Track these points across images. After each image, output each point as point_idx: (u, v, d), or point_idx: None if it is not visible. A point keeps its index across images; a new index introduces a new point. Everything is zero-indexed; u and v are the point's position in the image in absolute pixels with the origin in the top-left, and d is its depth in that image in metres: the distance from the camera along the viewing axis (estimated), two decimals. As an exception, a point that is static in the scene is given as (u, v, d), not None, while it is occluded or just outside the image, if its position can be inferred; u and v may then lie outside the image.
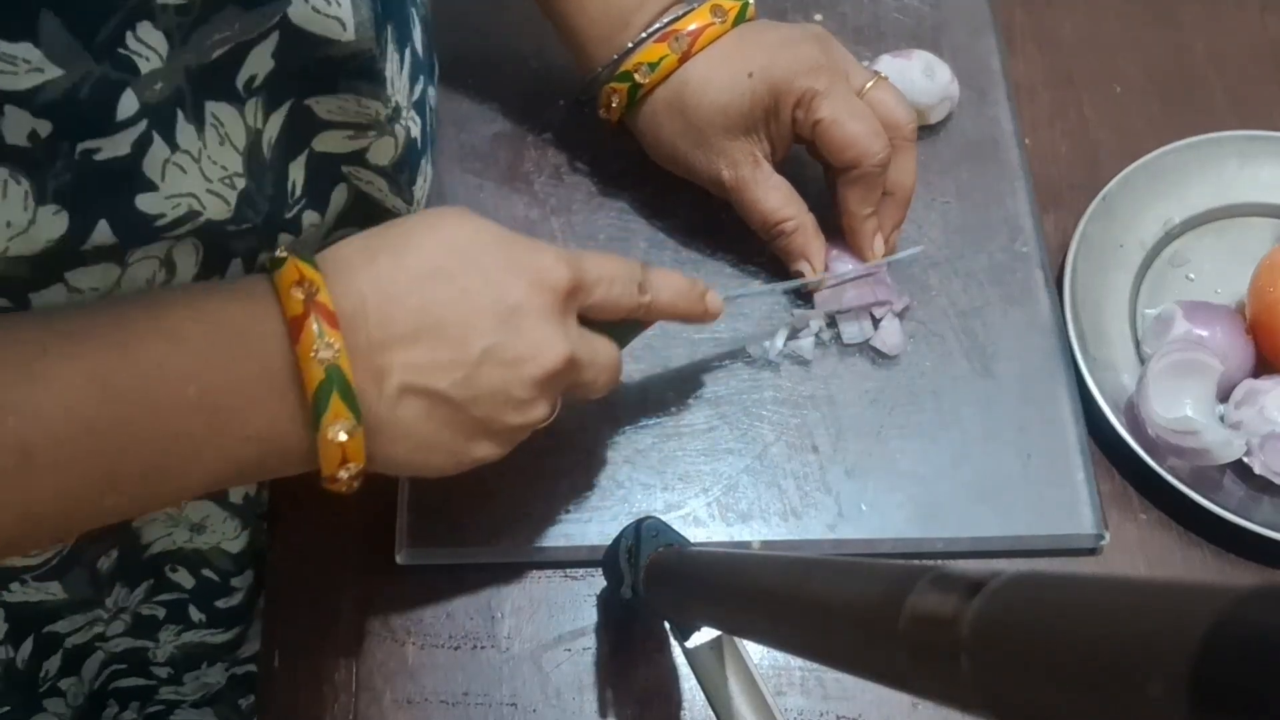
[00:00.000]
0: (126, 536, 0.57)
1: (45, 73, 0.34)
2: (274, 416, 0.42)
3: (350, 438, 0.43)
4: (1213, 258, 0.70)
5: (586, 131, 0.71)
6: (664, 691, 0.58)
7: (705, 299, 0.56)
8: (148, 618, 0.64)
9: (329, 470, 0.44)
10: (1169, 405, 0.62)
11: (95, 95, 0.36)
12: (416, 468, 0.48)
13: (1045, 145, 0.74)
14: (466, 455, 0.48)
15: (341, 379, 0.42)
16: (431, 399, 0.45)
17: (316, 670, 0.58)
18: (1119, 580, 0.24)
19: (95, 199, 0.39)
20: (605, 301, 0.51)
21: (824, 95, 0.59)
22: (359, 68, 0.46)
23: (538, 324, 0.47)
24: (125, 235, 0.41)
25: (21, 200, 0.37)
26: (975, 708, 0.26)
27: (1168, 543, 0.63)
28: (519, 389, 0.47)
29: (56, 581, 0.55)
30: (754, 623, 0.42)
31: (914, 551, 0.61)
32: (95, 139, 0.38)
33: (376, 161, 0.51)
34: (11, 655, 0.58)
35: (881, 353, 0.64)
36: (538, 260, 0.48)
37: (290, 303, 0.42)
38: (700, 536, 0.60)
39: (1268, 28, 0.80)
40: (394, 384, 0.44)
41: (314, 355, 0.42)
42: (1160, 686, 0.20)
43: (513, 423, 0.48)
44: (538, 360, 0.47)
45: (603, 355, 0.52)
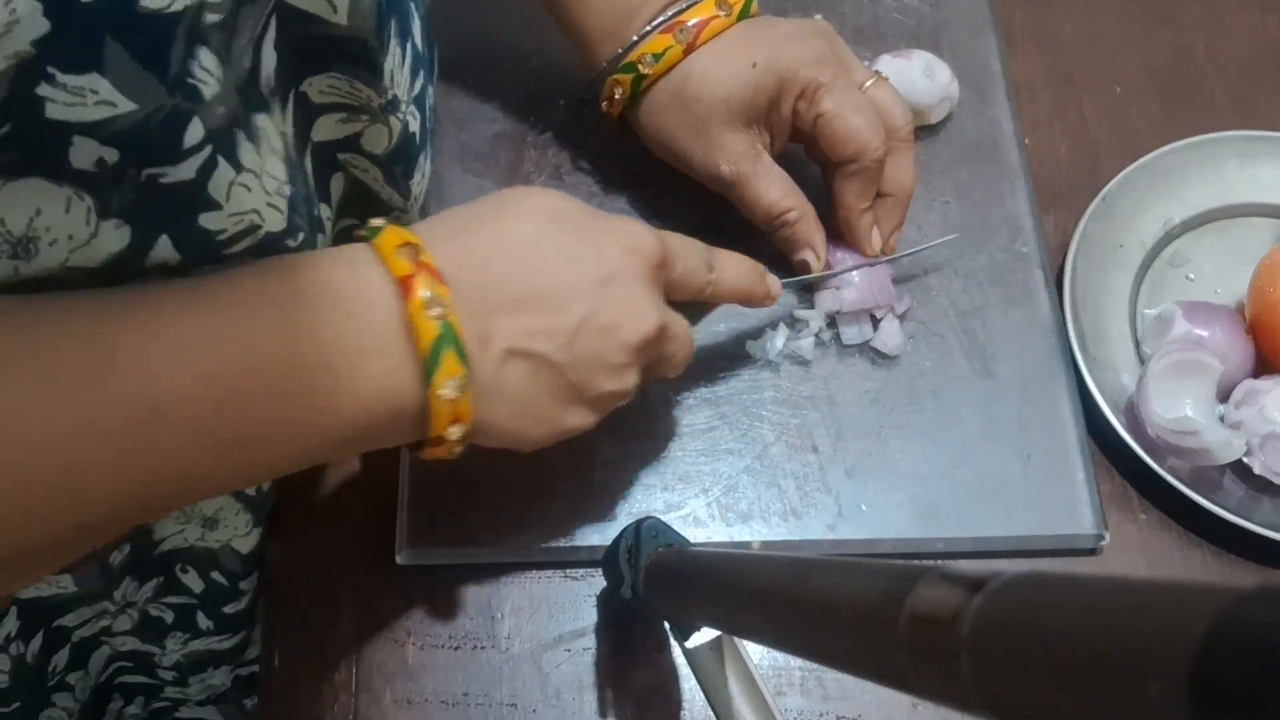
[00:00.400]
0: (139, 533, 0.57)
1: (117, 106, 0.35)
2: (386, 375, 0.43)
3: (462, 395, 0.44)
4: (1213, 258, 0.70)
5: (586, 131, 0.71)
6: (664, 691, 0.58)
7: (766, 279, 0.58)
8: (155, 620, 0.64)
9: (439, 429, 0.44)
10: (1169, 405, 0.62)
11: (165, 126, 0.37)
12: (513, 436, 0.48)
13: (1045, 145, 0.74)
14: (560, 423, 0.49)
15: (453, 334, 0.43)
16: (535, 363, 0.46)
17: (316, 670, 0.58)
18: (1119, 580, 0.24)
19: (159, 216, 0.40)
20: (682, 277, 0.52)
21: (827, 88, 0.60)
22: (352, 52, 0.46)
23: (632, 291, 0.48)
24: (188, 251, 0.41)
25: (84, 216, 0.37)
26: (975, 708, 0.26)
27: (1168, 543, 0.63)
28: (615, 354, 0.48)
29: (68, 574, 0.56)
30: (754, 623, 0.42)
31: (914, 551, 0.61)
32: (162, 165, 0.38)
33: (371, 149, 0.51)
34: (22, 651, 0.58)
35: (881, 353, 0.64)
36: (629, 229, 0.50)
37: (397, 264, 0.43)
38: (700, 536, 0.60)
39: (1268, 28, 0.80)
40: (499, 348, 0.45)
41: (426, 312, 0.42)
42: (1160, 686, 0.20)
43: (606, 389, 0.49)
44: (634, 326, 0.48)
45: (683, 330, 0.53)
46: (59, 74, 0.33)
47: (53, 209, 0.37)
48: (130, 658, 0.67)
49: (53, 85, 0.33)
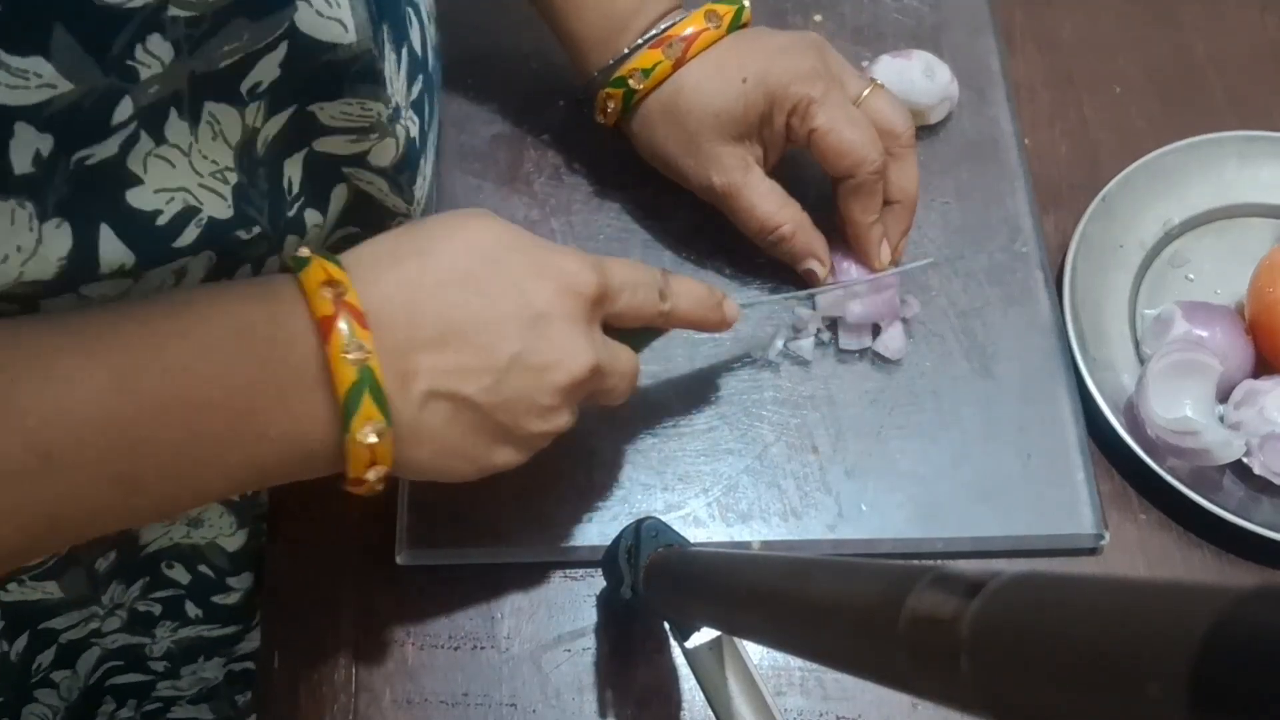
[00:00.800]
0: (124, 538, 0.57)
1: (57, 88, 0.34)
2: (300, 418, 0.42)
3: (380, 439, 0.43)
4: (1212, 258, 0.70)
5: (586, 132, 0.71)
6: (663, 692, 0.58)
7: (723, 307, 0.56)
8: (144, 614, 0.64)
9: (356, 472, 0.43)
10: (1169, 405, 0.62)
11: (97, 105, 0.36)
12: (437, 472, 0.47)
13: (1045, 145, 0.74)
14: (488, 461, 0.48)
15: (373, 379, 0.42)
16: (458, 404, 0.45)
17: (316, 670, 0.58)
18: (1119, 580, 0.24)
19: (90, 203, 0.39)
20: (628, 309, 0.51)
21: (819, 103, 0.59)
22: (360, 70, 0.46)
23: (564, 331, 0.47)
24: (134, 244, 0.41)
25: (26, 223, 0.37)
26: (975, 708, 0.26)
27: (1167, 543, 0.63)
28: (545, 396, 0.47)
29: (54, 581, 0.55)
30: (754, 623, 0.42)
31: (914, 551, 0.61)
32: (90, 146, 0.37)
33: (378, 163, 0.51)
34: (5, 649, 0.58)
35: (883, 355, 0.64)
36: (565, 265, 0.48)
37: (319, 303, 0.42)
38: (700, 537, 0.60)
39: (1268, 28, 0.80)
40: (421, 388, 0.44)
41: (345, 355, 0.41)
42: (1160, 687, 0.20)
43: (535, 429, 0.48)
44: (564, 367, 0.47)
45: (623, 362, 0.52)
46: (3, 54, 0.33)
47: (1, 226, 0.36)
48: (120, 654, 0.67)
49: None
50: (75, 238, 0.39)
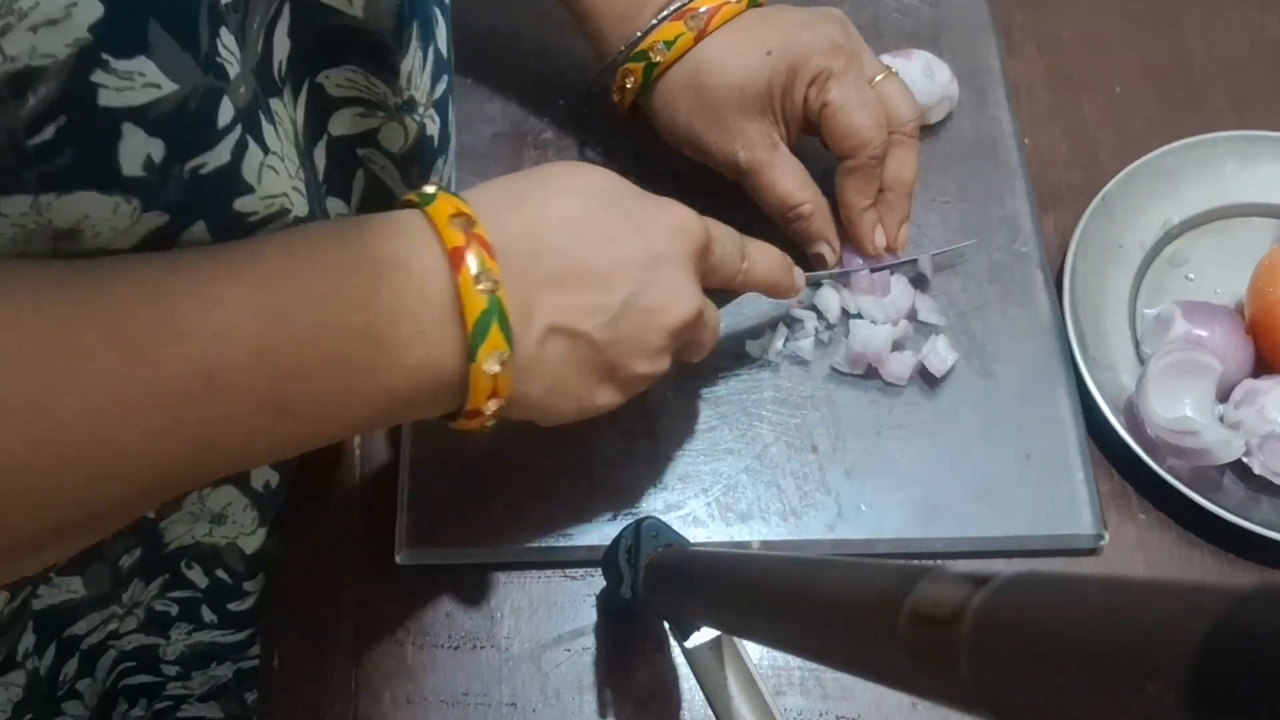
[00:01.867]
0: (150, 535, 0.57)
1: (162, 88, 0.35)
2: (433, 345, 0.43)
3: (503, 370, 0.44)
4: (1212, 258, 0.70)
5: (586, 132, 0.71)
6: (663, 691, 0.58)
7: (793, 272, 0.58)
8: (160, 614, 0.64)
9: (477, 402, 0.44)
10: (1168, 405, 0.62)
11: (202, 106, 0.37)
12: (543, 409, 0.48)
13: (1045, 145, 0.74)
14: (590, 401, 0.49)
15: (500, 309, 0.43)
16: (574, 340, 0.46)
17: (316, 670, 0.58)
18: (1118, 580, 0.24)
19: (197, 205, 0.40)
20: (719, 264, 0.53)
21: (837, 78, 0.60)
22: (366, 47, 0.46)
23: (676, 275, 0.49)
24: (220, 236, 0.41)
25: (129, 214, 0.38)
26: (975, 708, 0.26)
27: (1167, 543, 0.63)
28: (654, 336, 0.49)
29: (78, 577, 0.56)
30: (753, 623, 0.42)
31: (914, 551, 0.61)
32: (202, 154, 0.38)
33: (388, 146, 0.51)
34: (36, 665, 0.58)
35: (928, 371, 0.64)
36: (677, 212, 0.50)
37: (450, 234, 0.43)
38: (700, 536, 0.60)
39: (1267, 28, 0.80)
40: (541, 323, 0.45)
41: (476, 285, 0.42)
42: (1159, 686, 0.20)
43: (639, 371, 0.49)
44: (675, 310, 0.49)
45: (714, 317, 0.54)
46: (112, 59, 0.33)
47: (100, 213, 0.37)
48: (134, 655, 0.67)
49: (106, 71, 0.33)
50: (170, 223, 0.40)
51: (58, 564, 0.54)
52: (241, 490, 0.58)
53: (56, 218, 0.36)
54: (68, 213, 0.36)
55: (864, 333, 0.63)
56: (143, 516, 0.55)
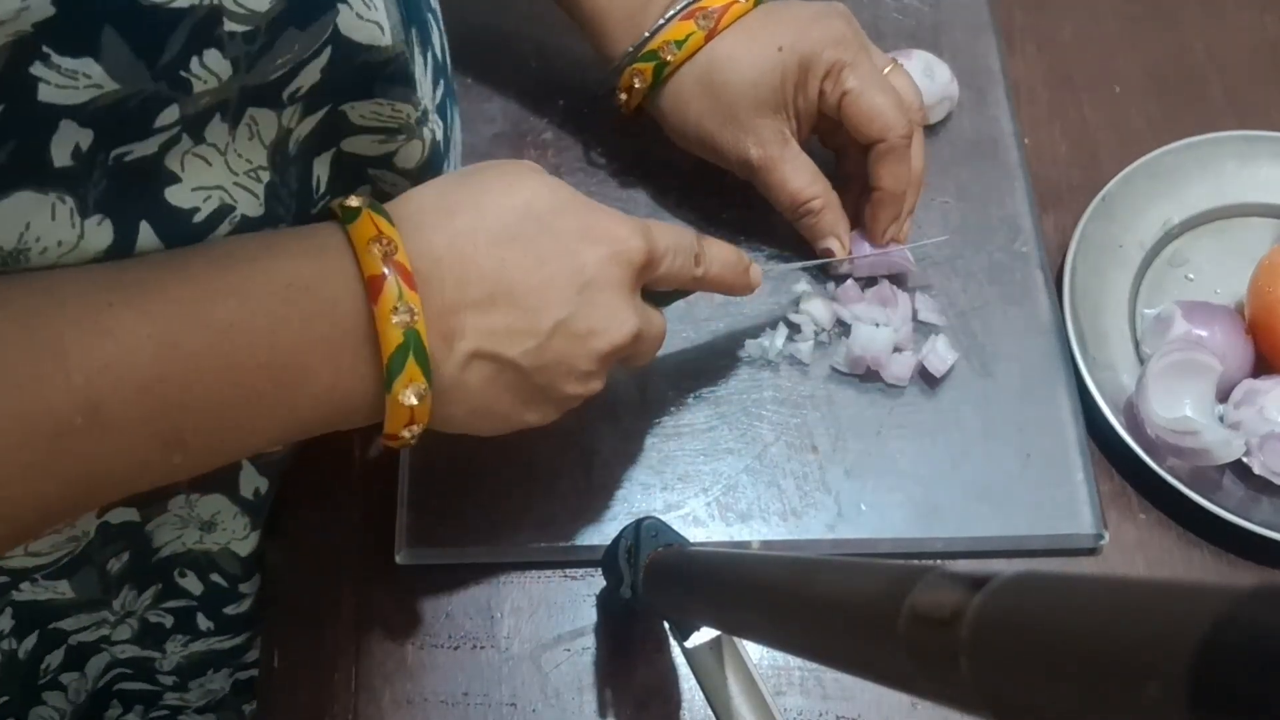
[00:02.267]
0: (138, 540, 0.57)
1: (103, 88, 0.34)
2: (344, 374, 0.42)
3: (420, 402, 0.43)
4: (1212, 258, 0.70)
5: (586, 132, 0.71)
6: (663, 691, 0.58)
7: (749, 271, 0.57)
8: (155, 625, 0.64)
9: (393, 429, 0.44)
10: (1168, 405, 0.62)
11: (141, 108, 0.36)
12: (468, 428, 0.48)
13: (1045, 145, 0.74)
14: (520, 420, 0.49)
15: (418, 342, 0.42)
16: (500, 365, 0.46)
17: (316, 670, 0.58)
18: (1118, 580, 0.24)
19: (130, 201, 0.39)
20: (668, 274, 0.52)
21: (852, 67, 0.60)
22: (394, 72, 0.45)
23: (611, 298, 0.48)
24: (169, 238, 0.41)
25: (68, 218, 0.37)
26: (975, 708, 0.26)
27: (1167, 543, 0.63)
28: (585, 361, 0.48)
29: (66, 581, 0.55)
30: (753, 622, 0.42)
31: (913, 551, 0.61)
32: (129, 144, 0.38)
33: (404, 165, 0.51)
34: (14, 648, 0.58)
35: (929, 373, 0.64)
36: (616, 231, 0.48)
37: (368, 260, 0.42)
38: (700, 536, 0.60)
39: (1267, 28, 0.80)
40: (465, 347, 0.45)
41: (392, 318, 0.41)
42: (1159, 686, 0.20)
43: (571, 392, 0.49)
44: (608, 335, 0.48)
45: (655, 326, 0.52)
46: (54, 55, 0.33)
47: (40, 219, 0.36)
48: (130, 664, 0.67)
49: (47, 66, 0.33)
50: (115, 234, 0.39)
51: (54, 553, 0.53)
52: (230, 499, 0.57)
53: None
54: (8, 222, 0.35)
55: (864, 335, 0.63)
56: (127, 522, 0.55)
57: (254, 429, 0.41)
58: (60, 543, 0.52)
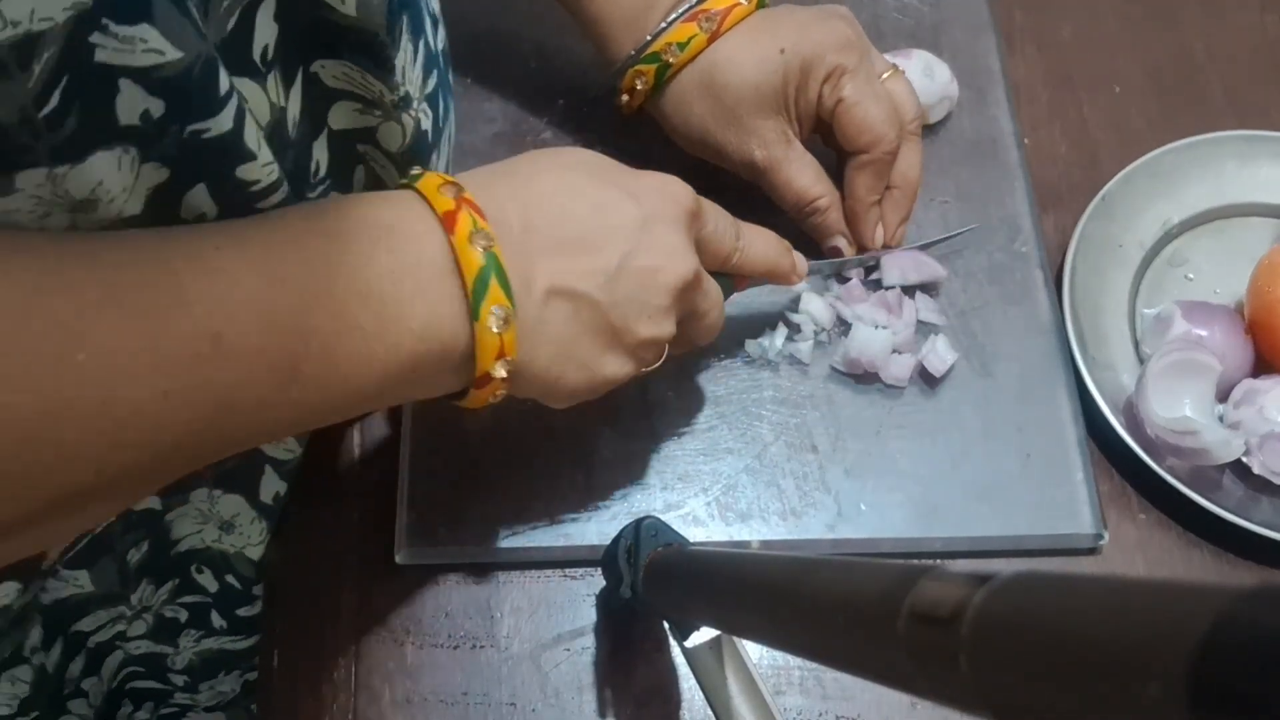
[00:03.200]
0: (157, 529, 0.57)
1: (165, 54, 0.35)
2: (435, 306, 0.43)
3: (506, 328, 0.44)
4: (1211, 258, 0.70)
5: (586, 132, 0.71)
6: (663, 691, 0.58)
7: (791, 254, 0.58)
8: (170, 620, 0.64)
9: (485, 364, 0.45)
10: (1168, 405, 0.62)
11: (204, 73, 0.37)
12: (552, 380, 0.48)
13: (1045, 145, 0.74)
14: (599, 369, 0.49)
15: (497, 264, 0.44)
16: (576, 301, 0.47)
17: (316, 670, 0.58)
18: (1118, 580, 0.24)
19: (198, 167, 0.40)
20: (712, 236, 0.53)
21: (850, 74, 0.61)
22: (362, 43, 0.46)
23: (669, 234, 0.49)
24: (221, 198, 0.42)
25: (131, 167, 0.38)
26: (974, 708, 0.26)
27: (1167, 543, 0.63)
28: (655, 296, 0.49)
29: (86, 571, 0.56)
30: (753, 622, 0.42)
31: (913, 551, 0.61)
32: (205, 119, 0.38)
33: (386, 145, 0.52)
34: (44, 661, 0.58)
35: (928, 373, 0.64)
36: (664, 177, 0.51)
37: (440, 200, 0.44)
38: (699, 536, 0.60)
39: (1267, 28, 0.80)
40: (541, 286, 0.46)
41: (470, 244, 0.43)
42: (1159, 686, 0.20)
43: (645, 334, 0.49)
44: (672, 268, 0.49)
45: (716, 291, 0.54)
46: (112, 24, 0.33)
47: (110, 173, 0.37)
48: (143, 661, 0.67)
49: (105, 34, 0.33)
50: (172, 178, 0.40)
51: (69, 540, 0.53)
52: (250, 503, 0.58)
53: (72, 188, 0.36)
54: (82, 182, 0.36)
55: (862, 337, 0.63)
56: (148, 510, 0.55)
57: (363, 366, 0.42)
58: None
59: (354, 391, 0.43)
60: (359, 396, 0.43)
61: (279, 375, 0.40)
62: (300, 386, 0.41)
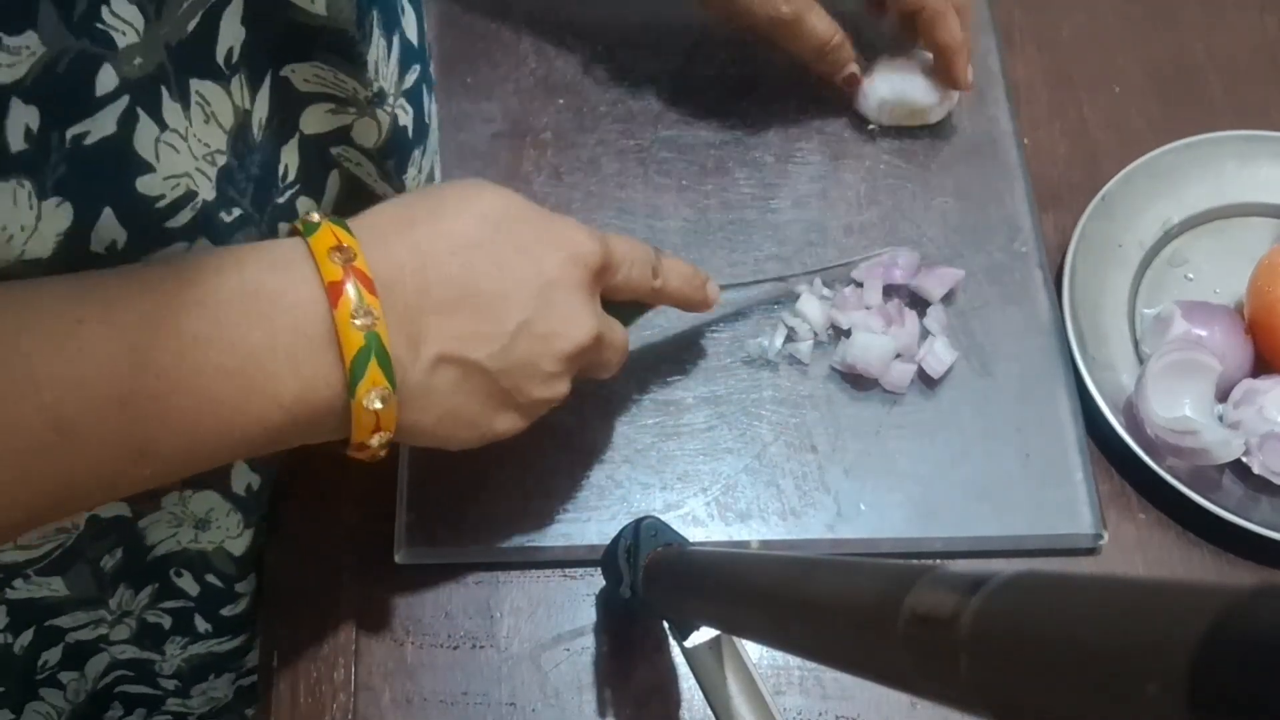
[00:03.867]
0: (131, 536, 0.57)
1: (34, 51, 0.34)
2: (309, 383, 0.42)
3: (385, 406, 0.43)
4: (1211, 257, 0.70)
5: (586, 132, 0.71)
6: (663, 691, 0.58)
7: (706, 287, 0.58)
8: (153, 626, 0.64)
9: (360, 437, 0.44)
10: (1168, 405, 0.62)
11: (73, 71, 0.36)
12: (440, 439, 0.48)
13: (1044, 145, 0.74)
14: (490, 428, 0.49)
15: (379, 345, 0.43)
16: (466, 368, 0.46)
17: (316, 669, 0.58)
18: (1118, 580, 0.24)
19: (94, 186, 0.39)
20: (625, 283, 0.52)
21: None
22: (333, 43, 0.46)
23: (570, 299, 0.48)
24: (131, 224, 0.41)
25: (27, 201, 0.37)
26: (974, 708, 0.26)
27: (1166, 543, 0.63)
28: (549, 363, 0.48)
29: (59, 577, 0.55)
30: (752, 622, 0.42)
31: (913, 551, 0.61)
32: (80, 122, 0.37)
33: (362, 142, 0.51)
34: (10, 642, 0.58)
35: (926, 374, 0.64)
36: (571, 235, 0.49)
37: (328, 268, 0.42)
38: (699, 536, 0.60)
39: (1267, 28, 0.80)
40: (430, 352, 0.45)
41: (352, 321, 0.42)
42: (1159, 686, 0.20)
43: (537, 396, 0.49)
44: (570, 335, 0.48)
45: (617, 335, 0.53)
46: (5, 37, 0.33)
47: (5, 209, 0.37)
48: (130, 666, 0.67)
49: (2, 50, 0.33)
50: (75, 216, 0.39)
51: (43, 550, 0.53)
52: (223, 495, 0.57)
53: None
54: None
55: (860, 344, 0.63)
56: (118, 517, 0.55)
57: (224, 439, 0.42)
58: (50, 533, 0.52)
59: (215, 460, 0.43)
60: (216, 460, 0.43)
61: (129, 455, 0.39)
62: (156, 462, 0.40)
